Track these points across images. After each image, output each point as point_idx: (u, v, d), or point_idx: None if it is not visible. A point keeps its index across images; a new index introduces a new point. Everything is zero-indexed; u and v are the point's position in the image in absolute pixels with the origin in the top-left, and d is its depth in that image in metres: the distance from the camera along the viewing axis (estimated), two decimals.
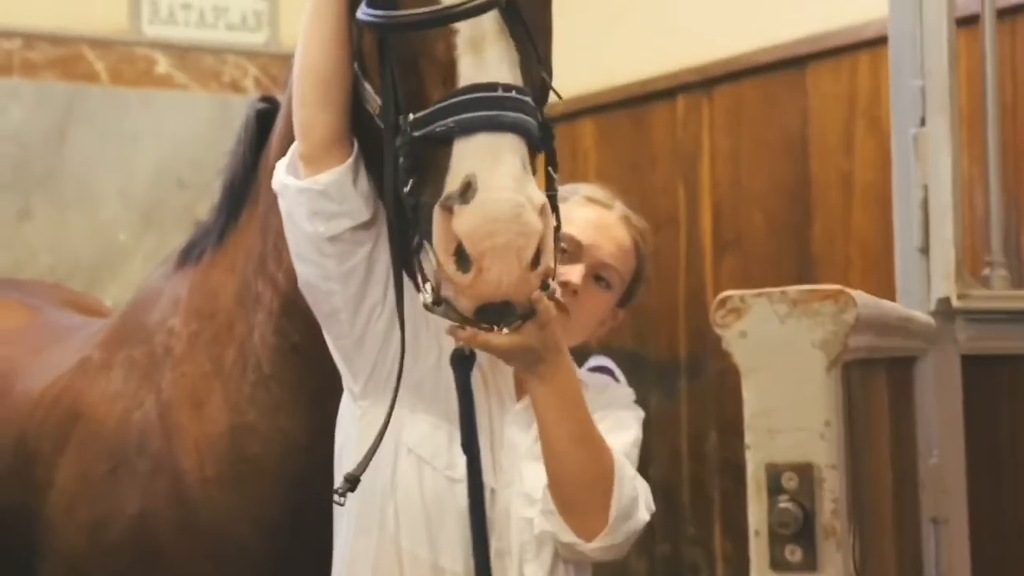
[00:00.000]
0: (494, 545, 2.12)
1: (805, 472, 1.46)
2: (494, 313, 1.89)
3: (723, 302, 1.51)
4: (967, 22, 2.53)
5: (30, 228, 4.50)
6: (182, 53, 4.72)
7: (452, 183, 1.86)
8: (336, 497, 2.06)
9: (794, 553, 1.44)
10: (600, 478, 2.11)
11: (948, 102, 2.29)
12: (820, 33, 3.87)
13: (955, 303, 2.26)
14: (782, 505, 1.45)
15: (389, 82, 1.99)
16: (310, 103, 2.13)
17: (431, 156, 1.91)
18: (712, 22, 4.26)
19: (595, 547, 2.10)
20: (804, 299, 1.50)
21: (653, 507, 2.19)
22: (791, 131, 3.95)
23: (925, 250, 2.30)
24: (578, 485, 2.10)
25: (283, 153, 2.21)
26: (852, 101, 3.79)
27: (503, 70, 1.91)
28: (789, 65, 3.95)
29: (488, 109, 1.88)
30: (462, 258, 1.85)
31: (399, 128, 1.96)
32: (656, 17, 4.38)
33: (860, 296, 1.53)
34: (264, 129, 2.44)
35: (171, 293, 2.59)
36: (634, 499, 2.14)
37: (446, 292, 1.90)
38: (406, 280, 2.10)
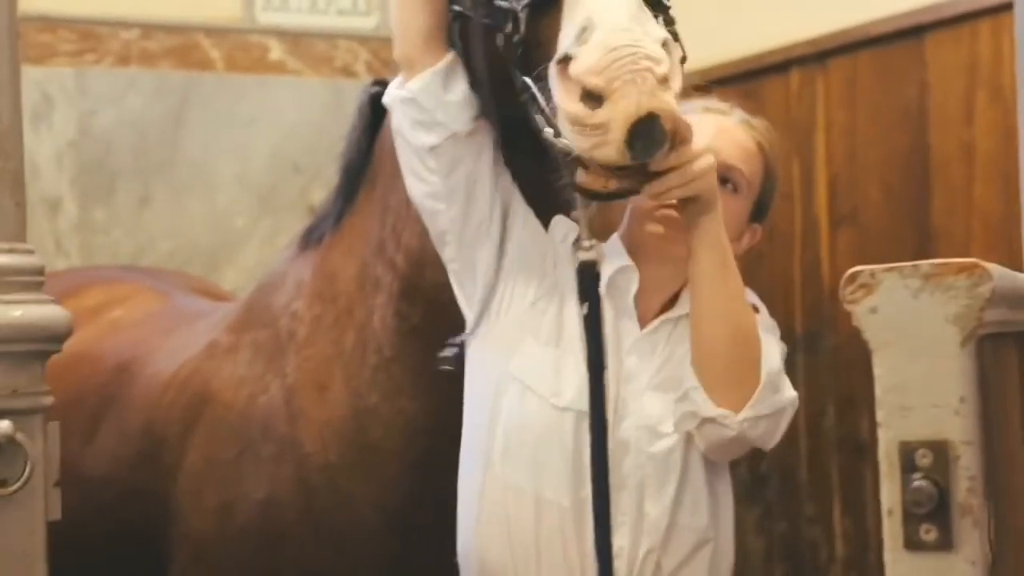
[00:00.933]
0: (616, 481, 2.08)
1: (940, 449, 1.44)
2: (645, 138, 1.84)
3: (852, 277, 1.49)
4: None
5: (149, 214, 4.57)
6: (295, 39, 4.76)
7: (566, 36, 1.87)
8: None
9: (929, 532, 1.42)
10: (749, 345, 2.10)
11: None
12: (938, 1, 3.79)
13: None
14: (916, 483, 1.43)
15: None
16: (405, 4, 2.16)
17: (545, 28, 1.92)
18: None
19: (743, 419, 2.08)
20: (937, 272, 1.47)
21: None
22: (909, 103, 3.88)
23: None
24: (728, 353, 2.09)
25: None
26: (973, 71, 3.71)
27: None
28: (906, 35, 3.87)
29: None
30: (591, 100, 1.83)
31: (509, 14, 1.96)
32: None
33: (995, 269, 1.50)
34: (378, 113, 2.45)
35: (295, 276, 2.62)
36: (780, 372, 2.14)
37: (585, 148, 1.86)
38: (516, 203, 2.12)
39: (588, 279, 2.04)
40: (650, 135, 1.83)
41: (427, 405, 2.38)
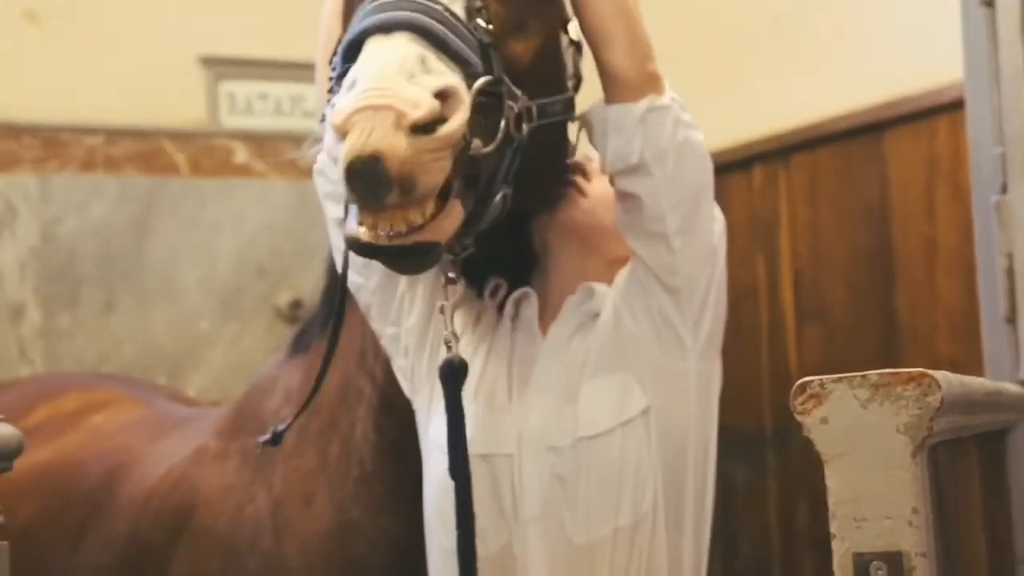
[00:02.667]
0: (527, 513, 2.06)
1: (894, 561, 1.42)
2: (366, 180, 1.70)
3: (802, 388, 1.48)
4: None
5: (115, 320, 4.55)
6: (260, 142, 4.78)
7: (342, 92, 1.82)
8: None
9: None
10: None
11: None
12: (897, 98, 3.82)
13: None
14: None
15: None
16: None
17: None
18: (786, 90, 4.24)
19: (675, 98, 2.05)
20: (886, 383, 1.46)
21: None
22: (871, 198, 3.90)
23: (1012, 320, 2.24)
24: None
25: None
26: (933, 166, 3.74)
27: None
28: (866, 131, 3.91)
29: (377, 13, 1.84)
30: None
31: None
32: (729, 87, 4.36)
33: (944, 377, 1.49)
34: None
35: (284, 382, 2.59)
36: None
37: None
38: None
39: (449, 382, 1.97)
40: (370, 176, 1.70)
41: (409, 524, 2.31)
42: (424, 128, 1.72)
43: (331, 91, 1.95)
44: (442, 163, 1.75)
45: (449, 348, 1.97)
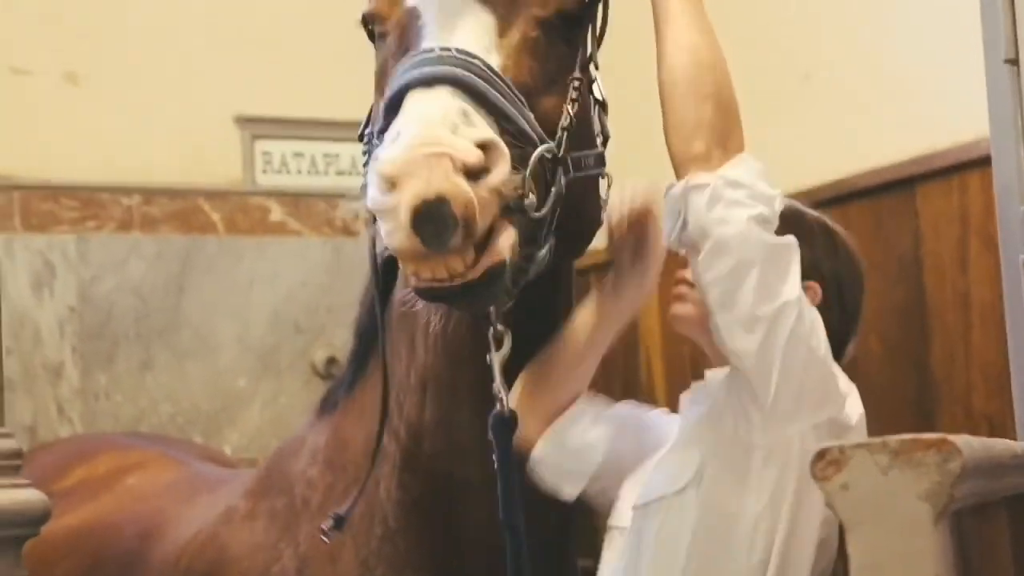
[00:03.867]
0: None
1: None
2: (433, 223, 1.75)
3: (822, 454, 1.48)
4: None
5: (151, 378, 4.59)
6: (295, 200, 4.83)
7: (384, 143, 1.86)
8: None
9: None
10: (715, 71, 2.09)
11: None
12: (928, 153, 3.81)
13: None
14: None
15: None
16: None
17: None
18: (817, 146, 4.24)
19: (721, 176, 2.03)
20: (906, 449, 1.46)
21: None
22: (903, 252, 3.89)
23: None
24: (692, 80, 2.07)
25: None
26: (965, 220, 3.72)
27: (445, 37, 1.97)
28: (898, 186, 3.89)
29: (419, 68, 1.90)
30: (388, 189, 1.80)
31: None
32: (761, 143, 4.36)
33: (965, 443, 1.48)
34: (390, 277, 2.46)
35: (312, 442, 2.60)
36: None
37: (385, 238, 1.82)
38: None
39: (499, 433, 2.01)
40: (438, 219, 1.76)
41: None
42: (473, 176, 1.78)
43: (370, 144, 2.03)
44: (493, 210, 1.82)
45: (500, 402, 2.01)
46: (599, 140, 2.23)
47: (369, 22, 2.19)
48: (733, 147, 2.08)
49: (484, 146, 1.81)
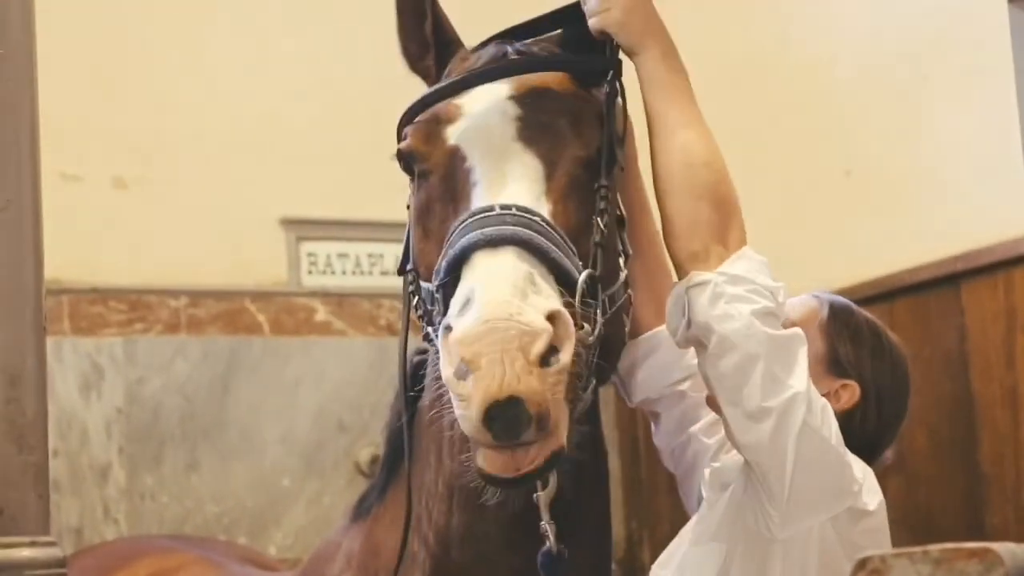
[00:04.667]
0: None
1: None
2: (505, 420, 1.77)
3: (863, 563, 1.46)
4: None
5: (197, 478, 4.61)
6: (339, 300, 4.87)
7: (453, 308, 1.87)
8: None
9: None
10: (710, 169, 2.09)
11: None
12: (974, 250, 3.83)
13: None
14: None
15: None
16: None
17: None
18: (860, 243, 4.24)
19: (720, 272, 2.04)
20: (948, 558, 1.43)
21: None
22: (949, 348, 3.88)
23: None
24: (684, 176, 2.09)
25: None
26: (1011, 317, 3.73)
27: (498, 189, 1.99)
28: (943, 283, 3.91)
29: (480, 228, 1.91)
30: (463, 369, 1.81)
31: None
32: (804, 238, 4.38)
33: (1007, 551, 1.45)
34: (419, 382, 2.46)
35: (346, 548, 2.58)
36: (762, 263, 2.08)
37: (460, 422, 1.83)
38: None
39: (548, 572, 2.03)
40: (510, 417, 1.77)
41: None
42: (544, 360, 1.80)
43: (416, 284, 2.07)
44: (562, 390, 1.83)
45: (547, 539, 2.03)
46: (621, 260, 2.23)
47: (405, 158, 2.19)
48: (733, 241, 2.09)
49: (552, 317, 1.83)
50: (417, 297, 2.14)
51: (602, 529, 2.36)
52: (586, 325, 1.92)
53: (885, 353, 2.44)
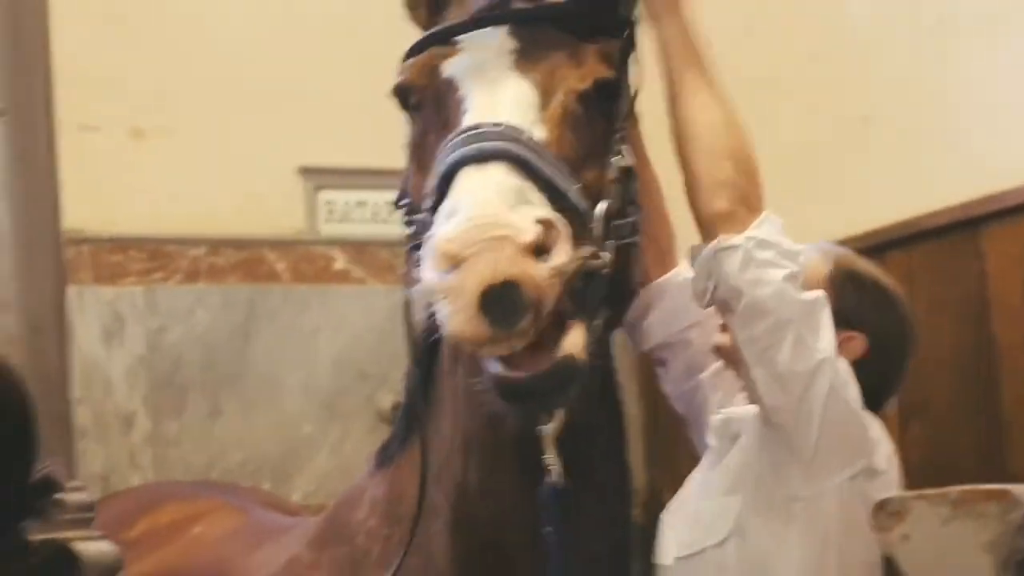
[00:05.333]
0: None
1: None
2: (502, 305, 1.74)
3: (882, 505, 1.49)
4: None
5: (220, 426, 4.66)
6: (358, 248, 4.89)
7: (437, 223, 1.85)
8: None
9: None
10: (732, 128, 2.12)
11: None
12: (993, 194, 3.82)
13: None
14: None
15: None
16: None
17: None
18: (878, 188, 4.25)
19: (748, 235, 2.06)
20: (966, 500, 1.46)
21: None
22: (969, 294, 3.88)
23: None
24: (710, 130, 2.11)
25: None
26: None
27: (489, 110, 1.98)
28: (962, 227, 3.90)
29: (470, 144, 1.90)
30: (448, 268, 1.78)
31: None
32: (823, 187, 4.40)
33: None
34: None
35: (371, 493, 2.60)
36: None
37: (445, 318, 1.80)
38: None
39: (553, 503, 2.03)
40: (508, 302, 1.75)
41: None
42: (536, 256, 1.78)
43: (411, 217, 2.05)
44: (556, 290, 1.80)
45: (550, 473, 2.03)
46: (631, 208, 2.19)
47: (402, 93, 2.20)
48: (755, 205, 2.11)
49: (543, 224, 1.81)
50: (412, 229, 2.12)
51: (620, 474, 2.36)
52: (595, 250, 1.91)
53: (889, 304, 2.47)
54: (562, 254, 1.81)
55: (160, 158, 4.70)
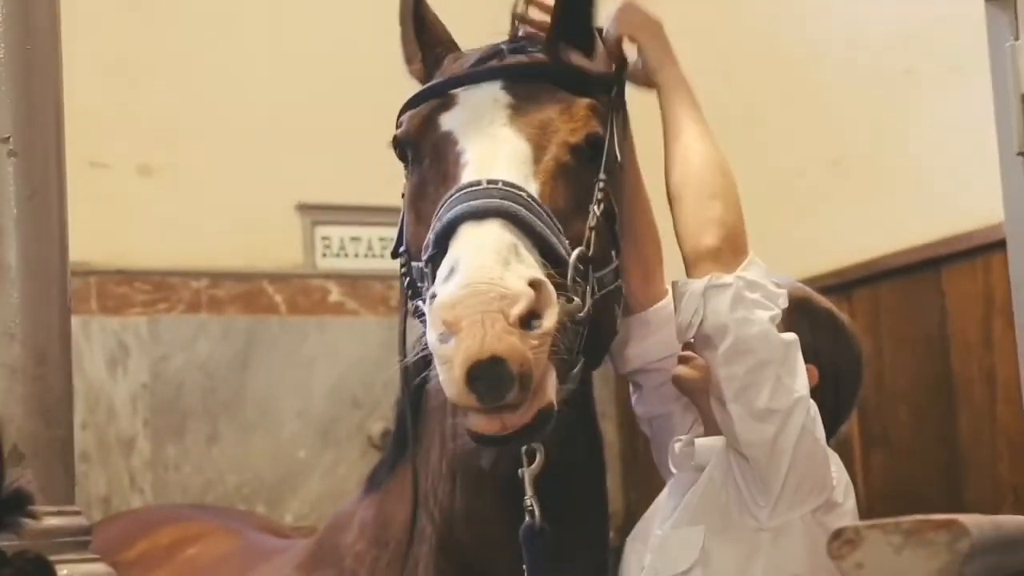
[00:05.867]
0: None
1: None
2: (488, 380, 1.81)
3: (838, 533, 1.54)
4: None
5: (217, 451, 4.80)
6: (352, 282, 5.06)
7: (439, 278, 1.95)
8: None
9: None
10: (723, 175, 2.22)
11: None
12: (953, 235, 3.97)
13: None
14: None
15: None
16: None
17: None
18: (846, 228, 4.39)
19: (738, 275, 2.13)
20: (917, 530, 1.50)
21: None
22: (930, 329, 4.02)
23: None
24: (700, 177, 2.20)
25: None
26: (989, 299, 3.86)
27: (487, 167, 2.07)
28: (925, 267, 4.05)
29: (467, 201, 1.99)
30: (445, 334, 1.86)
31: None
32: (793, 226, 4.53)
33: (974, 523, 1.54)
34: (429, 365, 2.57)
35: (360, 517, 2.63)
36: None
37: (444, 387, 1.87)
38: None
39: (530, 545, 2.09)
40: (493, 377, 1.81)
41: None
42: (525, 324, 1.87)
43: (408, 267, 2.16)
44: (545, 352, 1.90)
45: (531, 514, 2.12)
46: (614, 252, 2.25)
47: (401, 145, 2.27)
48: (741, 246, 2.19)
49: (534, 285, 1.89)
50: (409, 278, 2.22)
51: (597, 507, 2.42)
52: (576, 299, 1.99)
53: (841, 336, 2.56)
54: (551, 317, 1.89)
55: (165, 194, 4.83)
